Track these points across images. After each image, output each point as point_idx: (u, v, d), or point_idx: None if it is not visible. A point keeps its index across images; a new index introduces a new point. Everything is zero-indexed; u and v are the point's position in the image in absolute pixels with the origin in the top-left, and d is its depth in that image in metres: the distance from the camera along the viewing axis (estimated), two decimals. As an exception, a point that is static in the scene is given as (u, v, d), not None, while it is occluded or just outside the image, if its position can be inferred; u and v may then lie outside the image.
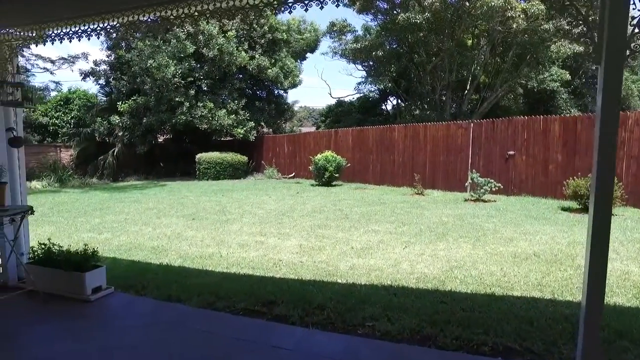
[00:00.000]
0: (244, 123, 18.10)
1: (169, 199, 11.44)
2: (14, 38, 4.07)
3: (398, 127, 14.13)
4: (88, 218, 8.69)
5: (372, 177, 14.80)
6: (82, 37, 3.87)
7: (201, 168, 17.63)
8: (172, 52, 16.46)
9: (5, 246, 4.23)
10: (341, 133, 16.20)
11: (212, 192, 13.14)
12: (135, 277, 4.74)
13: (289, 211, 9.10)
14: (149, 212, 9.36)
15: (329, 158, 14.08)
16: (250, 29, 18.81)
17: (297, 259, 5.39)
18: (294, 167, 18.29)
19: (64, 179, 16.60)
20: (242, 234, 6.97)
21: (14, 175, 4.38)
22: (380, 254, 5.54)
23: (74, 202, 11.35)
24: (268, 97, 21.40)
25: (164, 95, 16.66)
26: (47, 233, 7.31)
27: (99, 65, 18.53)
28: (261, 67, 18.78)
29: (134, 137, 17.45)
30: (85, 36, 3.87)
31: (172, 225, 7.82)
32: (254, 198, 11.49)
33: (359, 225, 7.51)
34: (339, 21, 23.36)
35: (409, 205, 9.52)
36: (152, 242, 6.47)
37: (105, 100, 18.24)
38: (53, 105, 23.02)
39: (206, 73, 17.66)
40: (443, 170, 12.56)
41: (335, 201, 10.49)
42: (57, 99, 23.31)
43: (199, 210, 9.52)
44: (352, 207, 9.54)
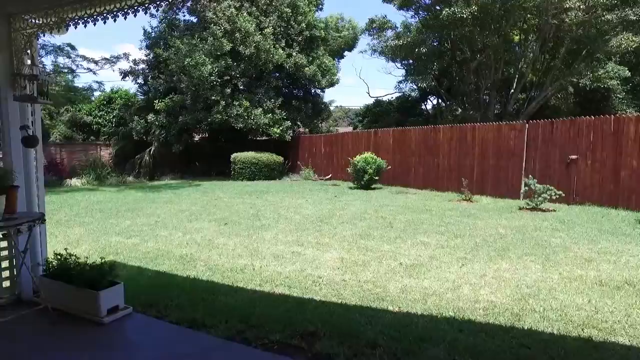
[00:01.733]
0: (280, 122, 17.66)
1: (202, 201, 11.08)
2: (29, 26, 3.67)
3: (443, 127, 13.23)
4: (119, 220, 8.40)
5: (414, 180, 13.95)
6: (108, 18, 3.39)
7: (236, 168, 17.33)
8: (209, 50, 16.21)
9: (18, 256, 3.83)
10: (381, 133, 15.43)
11: (246, 193, 12.72)
12: (159, 293, 4.25)
13: (327, 217, 8.48)
14: (181, 214, 8.99)
15: (368, 160, 13.36)
16: (288, 26, 18.33)
17: (339, 277, 4.75)
18: (331, 168, 17.67)
19: (102, 177, 16.73)
20: (277, 243, 6.40)
21: (30, 178, 3.97)
22: (434, 273, 4.81)
23: (108, 201, 11.20)
24: (305, 96, 20.88)
25: (200, 94, 16.45)
26: (76, 235, 7.05)
27: (138, 65, 18.62)
28: (298, 65, 18.27)
29: (170, 135, 17.37)
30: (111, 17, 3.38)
31: (203, 230, 7.37)
32: (289, 201, 10.96)
33: (405, 235, 6.77)
34: (378, 18, 22.53)
35: (459, 214, 8.68)
36: (181, 250, 6.01)
37: (143, 99, 18.30)
38: (97, 105, 23.56)
39: (242, 71, 17.33)
40: (493, 175, 11.57)
41: (377, 207, 9.78)
42: (101, 98, 23.84)
43: (232, 213, 9.07)
44: (395, 214, 8.80)
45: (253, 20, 17.08)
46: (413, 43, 20.27)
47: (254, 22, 17.09)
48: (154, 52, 17.48)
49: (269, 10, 17.91)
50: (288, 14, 18.09)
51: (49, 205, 10.58)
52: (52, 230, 7.44)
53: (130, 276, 4.90)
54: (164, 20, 18.57)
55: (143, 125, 17.43)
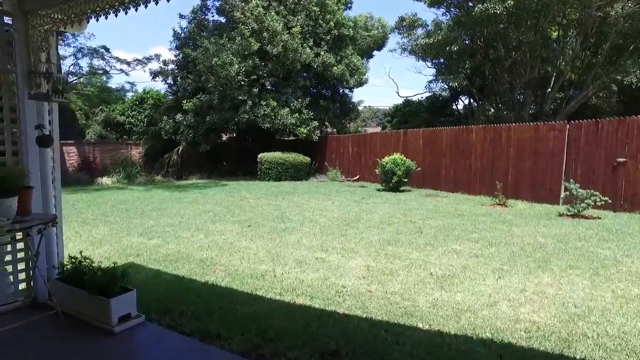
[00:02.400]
0: (307, 122, 17.46)
1: (226, 201, 10.98)
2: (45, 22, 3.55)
3: (476, 128, 12.66)
4: (143, 220, 8.36)
5: (444, 183, 13.44)
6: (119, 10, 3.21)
7: (263, 168, 17.24)
8: (237, 49, 16.18)
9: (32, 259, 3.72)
10: (411, 134, 14.97)
11: (272, 194, 12.56)
12: (175, 299, 4.07)
13: (353, 221, 8.17)
14: (205, 215, 8.88)
15: (397, 161, 12.94)
16: (316, 24, 18.11)
17: (365, 287, 4.45)
18: (358, 169, 17.32)
19: (132, 176, 16.99)
20: (301, 248, 6.15)
21: (46, 179, 3.86)
22: (468, 286, 4.43)
23: (134, 200, 11.27)
24: (333, 96, 20.60)
25: (228, 94, 16.44)
26: (100, 235, 7.02)
27: (167, 65, 18.85)
28: (326, 65, 18.01)
29: (198, 135, 17.47)
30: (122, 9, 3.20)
31: (225, 232, 7.21)
32: (315, 203, 10.71)
33: (435, 242, 6.39)
34: (408, 16, 22.01)
35: (493, 219, 8.19)
36: (202, 253, 5.85)
37: (172, 99, 18.50)
38: (129, 105, 24.09)
39: (270, 71, 17.23)
40: (529, 178, 10.94)
41: (405, 210, 9.39)
42: (133, 98, 24.37)
43: (256, 215, 8.89)
44: (425, 218, 8.39)
45: (281, 20, 16.94)
46: (444, 41, 19.66)
47: (282, 21, 16.95)
48: (183, 52, 17.61)
49: (297, 9, 17.74)
50: (316, 13, 17.86)
51: (79, 203, 10.77)
52: (77, 229, 7.47)
53: (148, 280, 4.76)
54: (193, 20, 18.71)
55: (172, 125, 17.60)
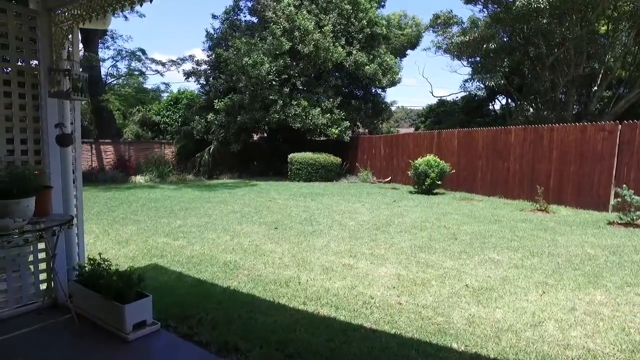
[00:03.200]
0: (338, 122, 17.18)
1: (255, 202, 10.88)
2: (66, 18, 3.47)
3: (515, 129, 12.02)
4: (171, 219, 8.35)
5: (480, 186, 12.86)
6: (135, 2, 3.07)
7: (293, 169, 17.11)
8: (268, 49, 16.12)
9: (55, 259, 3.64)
10: (445, 135, 14.43)
11: (301, 195, 12.38)
12: (195, 305, 3.90)
13: (384, 225, 7.85)
14: (232, 216, 8.78)
15: (431, 163, 12.48)
16: (348, 23, 17.81)
17: (394, 298, 4.15)
18: (390, 170, 16.90)
19: (164, 175, 17.25)
20: (328, 253, 5.90)
21: (67, 178, 3.78)
22: (508, 301, 4.05)
23: (164, 199, 11.35)
24: (365, 96, 20.23)
25: (258, 93, 16.40)
26: (127, 234, 7.01)
27: (200, 65, 19.05)
28: (358, 64, 17.69)
29: (229, 135, 17.53)
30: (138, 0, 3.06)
31: (252, 234, 7.05)
32: (345, 205, 10.43)
33: (471, 250, 5.99)
34: (443, 13, 21.36)
35: (533, 226, 7.65)
36: (226, 256, 5.70)
37: (204, 99, 18.67)
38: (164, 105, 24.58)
39: (301, 70, 17.07)
40: (574, 183, 10.25)
41: (439, 214, 8.96)
42: (169, 99, 24.85)
43: (284, 216, 8.71)
44: (460, 223, 7.96)
45: (312, 18, 16.76)
46: (481, 39, 18.94)
47: (313, 20, 16.76)
48: (215, 53, 17.73)
49: (329, 8, 17.50)
50: (348, 11, 17.57)
51: (111, 201, 10.95)
52: (107, 227, 7.51)
53: (169, 283, 4.64)
54: (226, 21, 18.82)
55: (203, 125, 17.76)
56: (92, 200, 11.14)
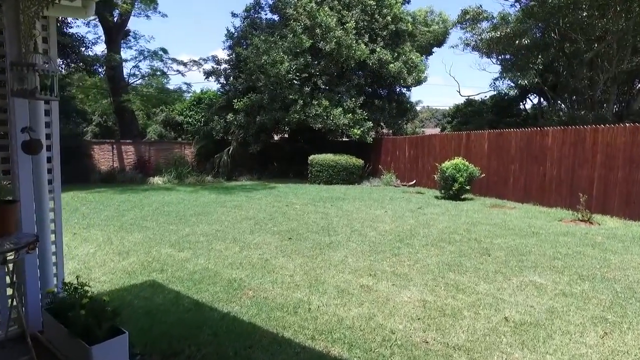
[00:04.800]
0: (361, 123, 16.49)
1: (271, 207, 10.34)
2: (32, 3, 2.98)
3: (553, 130, 11.08)
4: (180, 226, 7.88)
5: (512, 192, 11.96)
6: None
7: (313, 171, 16.53)
8: (289, 47, 15.58)
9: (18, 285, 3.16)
10: (474, 136, 13.55)
11: (320, 199, 11.78)
12: (187, 336, 3.37)
13: (408, 236, 7.16)
14: (245, 223, 8.26)
15: (459, 166, 11.67)
16: (372, 19, 17.10)
17: (419, 334, 3.49)
18: (415, 173, 16.11)
19: (182, 176, 16.97)
20: (345, 270, 5.28)
21: (40, 190, 3.27)
22: (561, 344, 3.33)
23: (178, 203, 10.95)
24: (389, 95, 19.47)
25: (278, 93, 15.89)
26: (131, 243, 6.57)
27: (220, 65, 18.70)
28: (382, 62, 16.95)
29: (248, 135, 17.11)
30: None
31: (263, 245, 6.49)
32: (366, 211, 9.78)
33: (508, 270, 5.25)
34: (472, 8, 20.34)
35: (578, 241, 6.81)
36: (231, 272, 5.15)
37: (224, 99, 18.31)
38: (188, 105, 24.47)
39: (322, 69, 16.47)
40: (622, 191, 9.25)
41: (469, 224, 8.20)
42: (192, 99, 24.74)
43: (299, 224, 8.13)
44: (492, 236, 7.19)
45: (334, 15, 16.13)
46: (513, 34, 17.89)
47: (335, 16, 16.13)
48: (235, 52, 17.34)
49: (352, 4, 16.84)
50: (372, 7, 16.86)
51: (123, 204, 10.62)
52: (111, 235, 7.10)
53: (163, 306, 4.12)
54: (246, 19, 18.41)
55: (222, 125, 17.39)
56: (105, 203, 10.85)
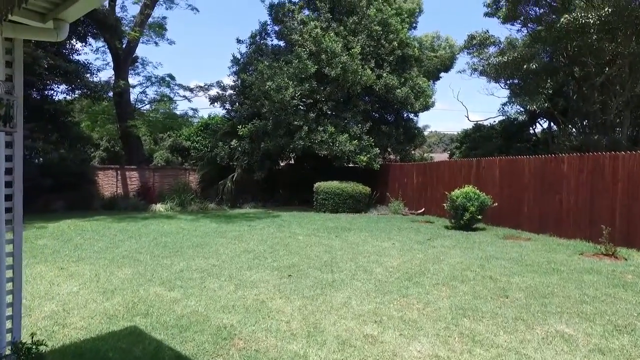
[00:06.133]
0: (367, 149, 16.11)
1: (273, 238, 9.86)
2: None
3: (568, 157, 10.58)
4: (175, 260, 7.43)
5: (526, 221, 11.38)
6: None
7: (319, 199, 16.08)
8: (294, 72, 15.42)
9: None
10: (485, 163, 13.07)
11: (325, 230, 11.29)
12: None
13: (417, 273, 6.62)
14: (244, 257, 7.78)
15: (470, 195, 11.16)
16: (378, 45, 16.96)
17: (432, 406, 2.96)
18: (423, 201, 15.59)
19: (185, 203, 16.62)
20: (348, 315, 4.76)
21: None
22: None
23: (177, 233, 10.52)
24: (396, 121, 19.17)
25: (282, 119, 15.64)
26: (120, 279, 6.12)
27: (226, 90, 18.62)
28: (389, 87, 16.71)
29: (253, 162, 16.79)
30: None
31: (260, 284, 6.00)
32: (372, 243, 9.26)
33: (530, 317, 4.70)
34: (479, 33, 20.22)
35: (606, 280, 6.21)
36: (222, 317, 4.66)
37: (228, 125, 18.13)
38: (194, 130, 24.40)
39: (328, 94, 16.24)
40: (646, 221, 8.66)
41: (482, 259, 7.64)
42: (199, 124, 24.70)
43: (301, 259, 7.64)
44: (508, 273, 6.63)
45: (340, 40, 16.01)
46: (521, 59, 17.62)
47: (341, 42, 16.00)
48: (240, 77, 17.24)
49: (358, 29, 16.74)
50: (378, 32, 16.74)
51: (120, 234, 10.21)
52: (100, 270, 6.66)
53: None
54: (252, 45, 18.40)
55: (227, 151, 17.12)
56: (102, 232, 10.46)
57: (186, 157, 24.37)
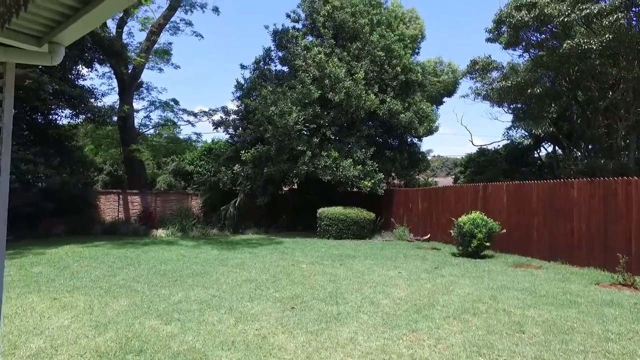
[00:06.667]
0: (371, 174, 15.92)
1: (276, 266, 9.56)
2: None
3: (578, 182, 10.34)
4: (174, 290, 7.14)
5: (536, 248, 11.06)
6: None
7: (322, 224, 15.79)
8: (297, 97, 15.42)
9: None
10: (492, 188, 12.84)
11: (329, 257, 10.98)
12: None
13: (426, 305, 6.30)
14: (246, 286, 7.48)
15: (477, 221, 10.88)
16: (381, 70, 17.01)
17: None
18: (429, 227, 15.29)
19: (187, 229, 16.36)
20: (354, 353, 4.45)
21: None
22: None
23: (177, 260, 10.24)
24: (400, 146, 19.06)
25: (286, 144, 15.54)
26: (115, 311, 5.82)
27: (229, 115, 18.63)
28: (393, 112, 16.67)
29: (255, 187, 16.61)
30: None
31: (262, 316, 5.69)
32: (378, 272, 8.94)
33: (551, 356, 4.37)
34: (481, 58, 20.33)
35: (629, 315, 5.85)
36: (221, 354, 4.36)
37: (231, 150, 18.04)
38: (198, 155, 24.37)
39: (332, 119, 16.18)
40: (662, 249, 8.35)
41: (494, 290, 7.31)
42: (203, 149, 24.70)
43: (305, 289, 7.33)
44: (523, 305, 6.30)
45: (343, 66, 16.06)
46: (524, 83, 17.62)
47: (345, 67, 16.06)
48: (244, 102, 17.26)
49: (361, 55, 16.83)
50: (381, 58, 16.82)
51: (119, 261, 9.91)
52: (94, 301, 6.37)
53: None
54: (256, 70, 18.51)
55: (230, 176, 16.98)
56: (100, 259, 10.20)
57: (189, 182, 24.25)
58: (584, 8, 14.09)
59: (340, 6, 16.83)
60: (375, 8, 18.08)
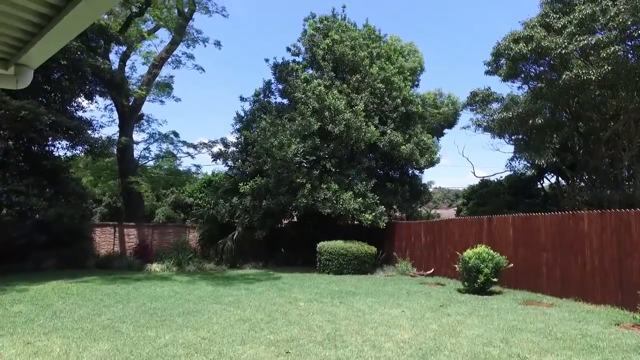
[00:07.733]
0: (372, 207, 15.53)
1: (272, 304, 9.03)
2: None
3: (588, 215, 9.93)
4: (161, 331, 6.63)
5: (546, 284, 10.53)
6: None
7: (322, 259, 15.25)
8: (297, 129, 15.25)
9: None
10: (497, 221, 12.41)
11: (328, 294, 10.45)
12: None
13: (433, 350, 5.78)
14: (239, 327, 6.97)
15: (483, 256, 10.40)
16: (381, 102, 16.95)
17: None
18: (432, 261, 14.75)
19: (182, 263, 15.84)
20: (353, 409, 3.95)
21: None
22: None
23: (169, 297, 9.72)
24: (401, 178, 18.76)
25: (285, 177, 15.24)
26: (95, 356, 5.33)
27: (229, 147, 18.46)
28: (393, 144, 16.46)
29: (254, 220, 16.19)
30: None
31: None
32: (380, 311, 8.42)
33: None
34: (481, 90, 20.34)
35: (651, 358, 5.36)
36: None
37: (230, 182, 17.76)
38: (198, 187, 24.11)
39: (332, 151, 15.95)
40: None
41: (504, 331, 6.79)
42: (202, 181, 24.47)
43: (302, 330, 6.82)
44: (539, 350, 5.78)
45: (343, 98, 15.99)
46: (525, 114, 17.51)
47: (344, 99, 15.98)
48: (243, 135, 17.12)
49: (361, 87, 16.81)
50: (381, 90, 16.78)
51: (107, 299, 9.39)
52: (71, 345, 5.86)
53: None
54: (256, 103, 18.48)
55: (228, 209, 16.59)
56: (87, 297, 9.69)
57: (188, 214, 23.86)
58: (582, 39, 14.10)
59: (340, 40, 16.95)
60: (374, 41, 18.23)
